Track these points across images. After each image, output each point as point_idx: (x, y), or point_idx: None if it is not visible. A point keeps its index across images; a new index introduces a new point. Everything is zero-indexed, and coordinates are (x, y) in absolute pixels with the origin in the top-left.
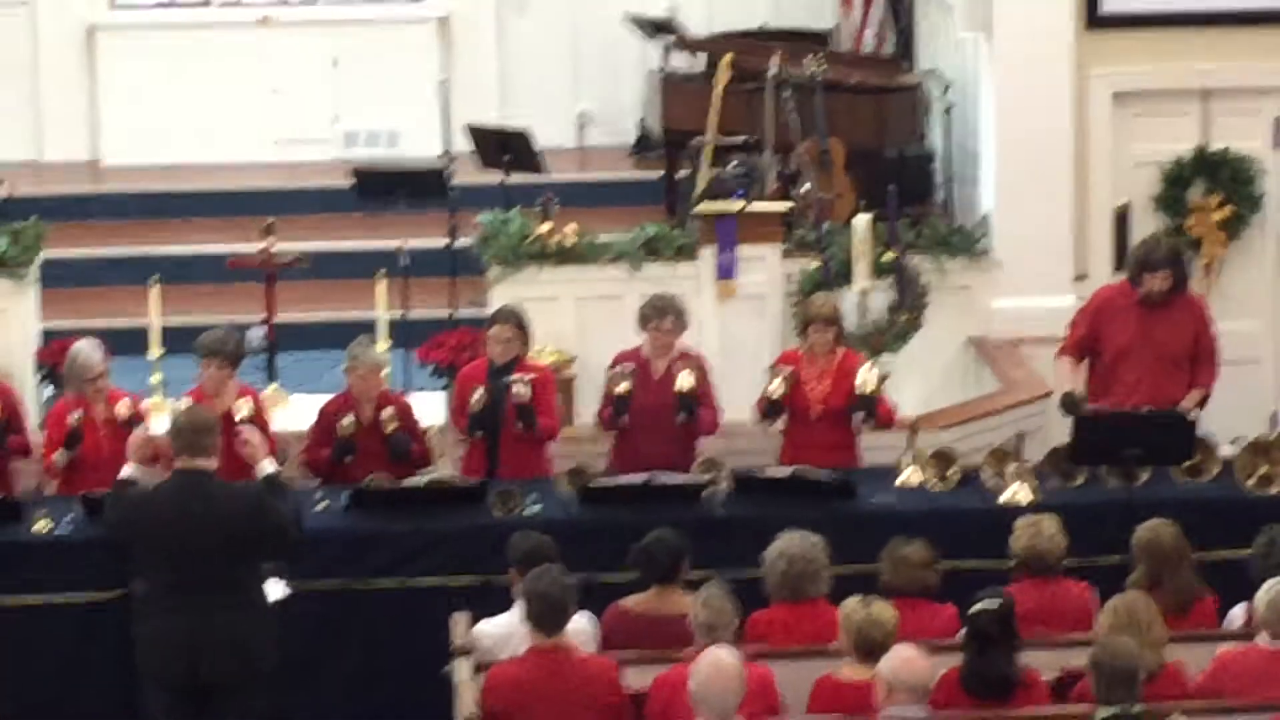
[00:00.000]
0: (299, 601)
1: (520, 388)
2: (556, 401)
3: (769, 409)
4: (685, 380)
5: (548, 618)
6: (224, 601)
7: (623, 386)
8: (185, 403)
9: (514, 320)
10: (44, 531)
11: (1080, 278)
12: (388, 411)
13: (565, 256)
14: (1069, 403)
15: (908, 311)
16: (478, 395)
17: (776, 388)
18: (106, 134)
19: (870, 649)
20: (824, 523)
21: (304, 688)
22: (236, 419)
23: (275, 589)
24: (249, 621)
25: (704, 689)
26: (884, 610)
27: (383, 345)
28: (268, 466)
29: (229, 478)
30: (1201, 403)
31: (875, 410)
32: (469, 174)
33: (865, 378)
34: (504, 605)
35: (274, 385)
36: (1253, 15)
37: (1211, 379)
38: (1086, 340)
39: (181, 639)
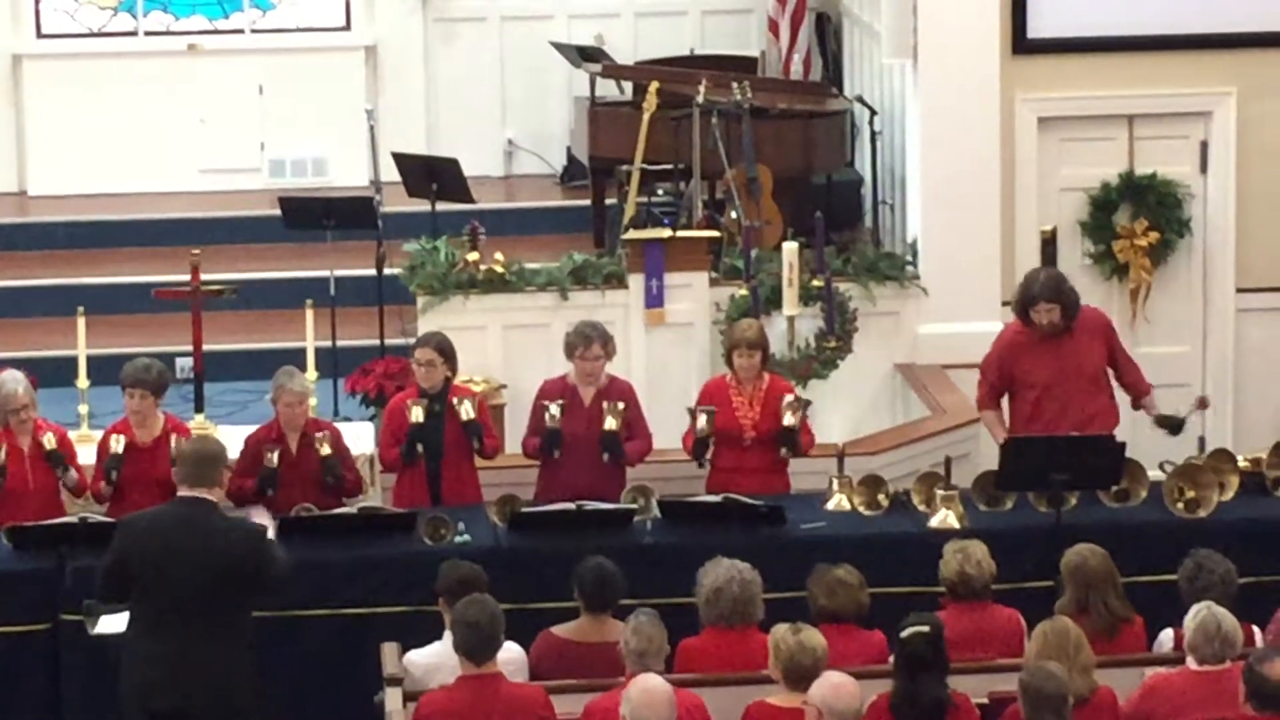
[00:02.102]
0: None
1: (463, 405)
2: (492, 421)
3: (698, 449)
4: (611, 421)
5: (477, 647)
6: (209, 634)
7: (552, 421)
8: (114, 433)
9: (434, 343)
10: None
11: (1008, 303)
12: (320, 434)
13: (493, 285)
14: None
15: (836, 338)
16: (412, 404)
17: (703, 427)
18: (33, 164)
19: (800, 675)
20: (754, 549)
21: None
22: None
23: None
24: (231, 657)
25: (635, 716)
26: (814, 637)
27: (311, 374)
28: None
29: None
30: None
31: (799, 444)
32: (397, 202)
33: (788, 411)
34: (434, 634)
35: (201, 415)
36: (1178, 40)
37: (1146, 379)
38: (1000, 386)
39: (163, 668)
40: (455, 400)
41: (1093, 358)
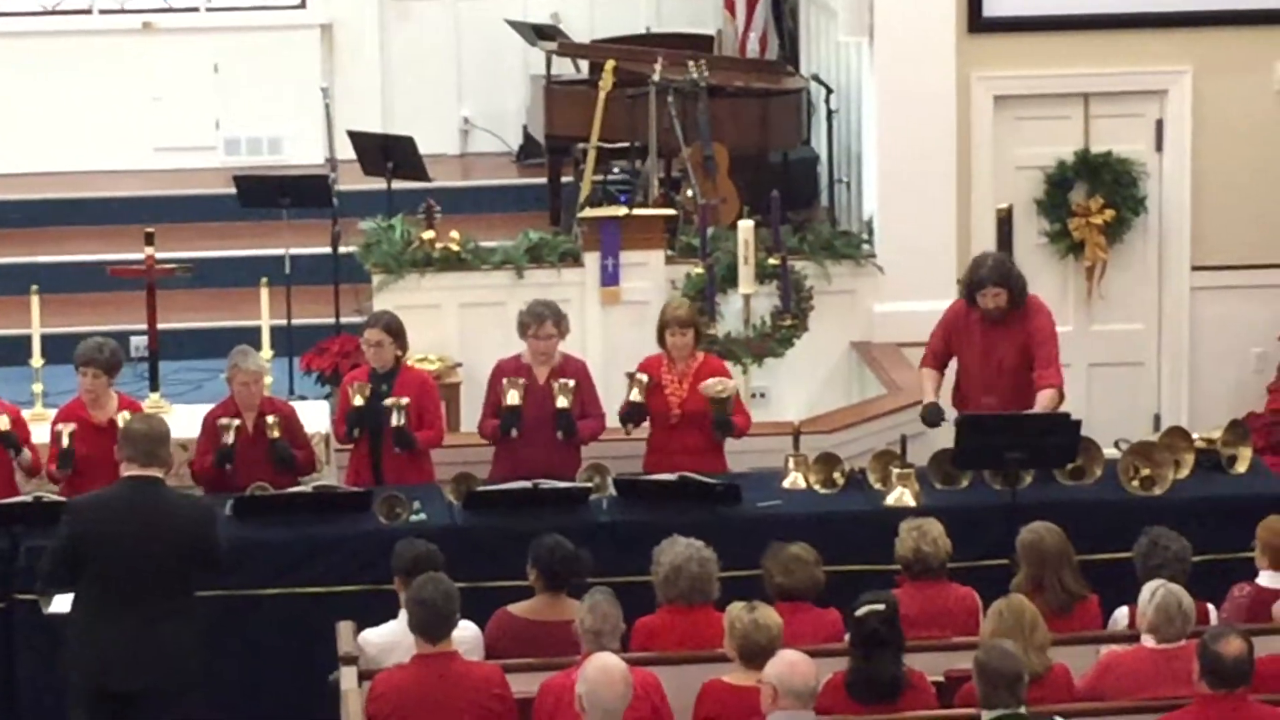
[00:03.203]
0: None
1: (395, 411)
2: (440, 408)
3: (628, 413)
4: (563, 399)
5: (432, 625)
6: (164, 612)
7: (512, 399)
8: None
9: (383, 323)
10: None
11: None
12: (271, 418)
13: (448, 263)
14: (927, 415)
15: (792, 316)
16: (357, 387)
17: (634, 391)
18: None
19: (756, 654)
20: (710, 527)
21: None
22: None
23: None
24: (186, 634)
25: (591, 694)
26: (769, 615)
27: (266, 353)
28: None
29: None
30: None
31: (730, 425)
32: (352, 180)
33: (713, 389)
34: (390, 613)
35: (156, 394)
36: (1133, 19)
37: (1059, 377)
38: (943, 352)
39: (122, 649)
40: (390, 402)
41: (1018, 353)
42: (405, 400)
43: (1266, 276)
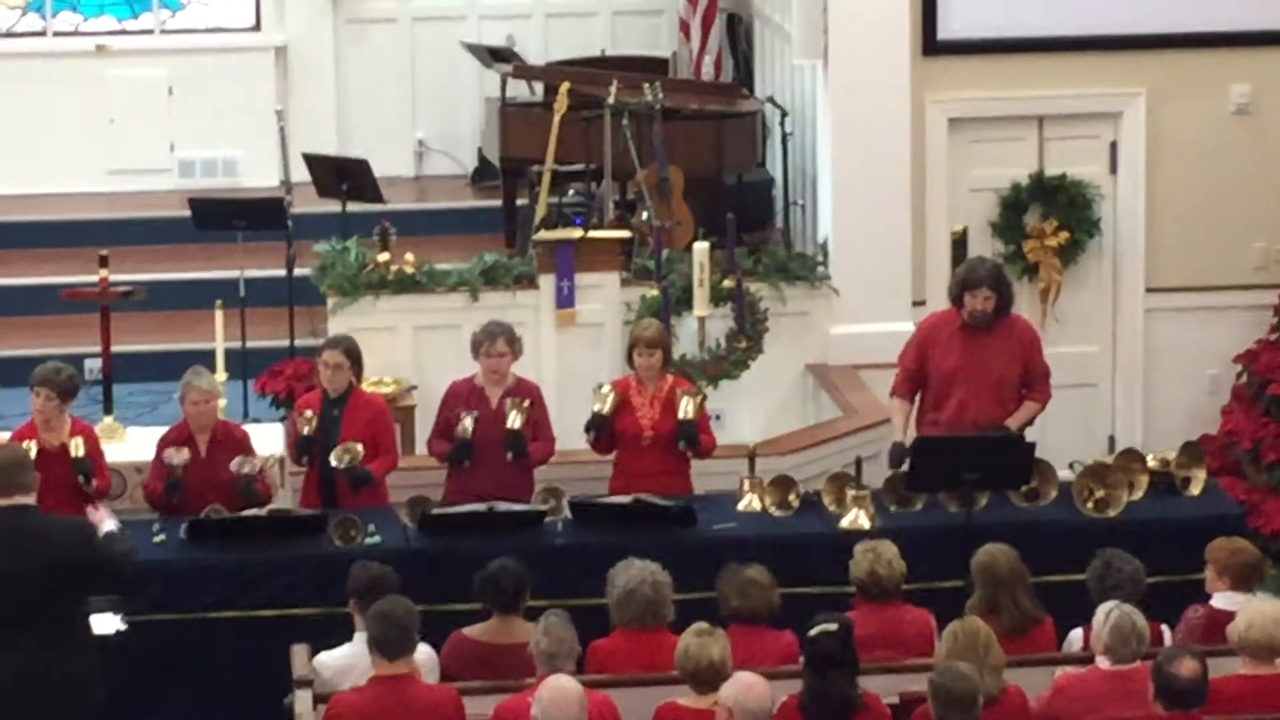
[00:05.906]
0: (136, 635)
1: (345, 458)
2: (395, 433)
3: (592, 424)
4: (516, 419)
5: (393, 643)
6: (52, 638)
7: (464, 430)
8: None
9: (343, 346)
10: None
11: (918, 303)
12: (237, 461)
13: (403, 285)
14: (895, 456)
15: (747, 338)
16: (306, 418)
17: (602, 403)
18: None
19: (708, 678)
20: (665, 550)
21: None
22: (72, 456)
23: (110, 623)
24: (78, 659)
25: (546, 717)
26: (721, 638)
27: (220, 376)
28: (108, 526)
29: (63, 511)
30: (1031, 420)
31: (697, 438)
32: (307, 203)
33: (685, 405)
34: (345, 636)
35: (110, 417)
36: (1088, 41)
37: (1048, 395)
38: (916, 373)
39: (7, 679)
40: (335, 457)
41: (1004, 363)
42: (356, 448)
43: (1221, 298)
